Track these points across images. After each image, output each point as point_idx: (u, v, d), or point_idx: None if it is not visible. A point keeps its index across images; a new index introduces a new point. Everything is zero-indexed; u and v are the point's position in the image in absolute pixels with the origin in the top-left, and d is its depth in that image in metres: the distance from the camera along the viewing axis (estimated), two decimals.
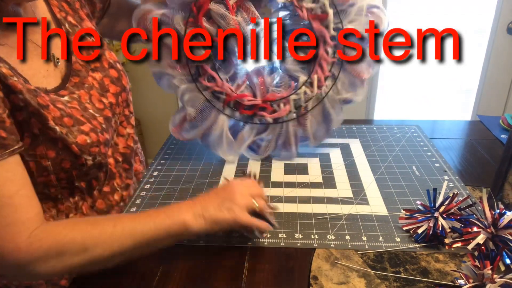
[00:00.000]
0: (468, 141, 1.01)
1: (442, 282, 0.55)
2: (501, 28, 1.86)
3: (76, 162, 0.60)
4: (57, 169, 0.60)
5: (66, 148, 0.58)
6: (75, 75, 0.66)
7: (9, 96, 0.53)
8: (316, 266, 0.59)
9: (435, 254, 0.61)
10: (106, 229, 0.53)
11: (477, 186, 0.79)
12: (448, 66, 2.03)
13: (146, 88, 2.32)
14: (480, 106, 2.03)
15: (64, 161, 0.59)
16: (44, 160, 0.58)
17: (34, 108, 0.54)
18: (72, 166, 0.61)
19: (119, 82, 0.73)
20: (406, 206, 0.71)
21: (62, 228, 0.53)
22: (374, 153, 0.93)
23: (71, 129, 0.59)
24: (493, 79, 1.96)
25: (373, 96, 2.10)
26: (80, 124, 0.61)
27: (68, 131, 0.58)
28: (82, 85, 0.66)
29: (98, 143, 0.62)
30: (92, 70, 0.69)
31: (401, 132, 1.05)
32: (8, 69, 0.53)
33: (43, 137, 0.57)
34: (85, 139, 0.60)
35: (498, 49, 1.89)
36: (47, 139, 0.57)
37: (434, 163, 0.88)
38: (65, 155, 0.59)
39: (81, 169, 0.62)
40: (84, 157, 0.60)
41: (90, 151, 0.61)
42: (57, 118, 0.57)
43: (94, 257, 0.52)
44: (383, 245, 0.63)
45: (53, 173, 0.60)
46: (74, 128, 0.59)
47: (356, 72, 0.80)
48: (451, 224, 0.62)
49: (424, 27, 0.71)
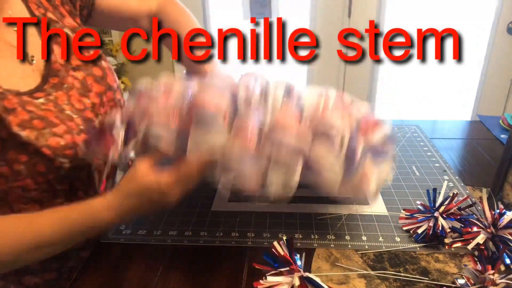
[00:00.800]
0: (468, 141, 1.01)
1: (442, 282, 0.55)
2: (501, 28, 1.86)
3: (51, 165, 0.58)
4: (32, 173, 0.58)
5: (37, 152, 0.56)
6: (54, 76, 0.63)
7: None
8: (316, 266, 0.59)
9: (435, 254, 0.61)
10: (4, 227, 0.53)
11: (477, 186, 0.79)
12: (448, 66, 2.03)
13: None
14: (480, 106, 2.03)
15: (38, 165, 0.58)
16: (17, 165, 0.56)
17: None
18: (47, 169, 0.59)
19: (103, 80, 0.69)
20: (406, 206, 0.71)
21: None
22: None
23: (41, 132, 0.57)
24: (493, 79, 1.96)
25: (373, 96, 2.10)
26: (53, 126, 0.58)
27: (38, 134, 0.56)
28: (61, 85, 0.64)
29: (74, 145, 0.60)
30: (74, 69, 0.66)
31: (401, 132, 1.05)
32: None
33: (11, 142, 0.55)
34: (58, 141, 0.58)
35: (498, 49, 1.89)
36: (16, 143, 0.55)
37: (434, 163, 0.88)
38: (37, 158, 0.57)
39: (58, 172, 0.60)
40: (59, 160, 0.58)
41: (65, 154, 0.59)
42: (26, 121, 0.55)
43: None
44: (383, 245, 0.63)
45: (28, 177, 0.58)
46: (46, 130, 0.57)
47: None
48: (451, 224, 0.62)
49: (424, 27, 0.71)
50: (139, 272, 0.60)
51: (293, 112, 0.54)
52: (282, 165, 0.53)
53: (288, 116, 0.53)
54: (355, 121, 0.58)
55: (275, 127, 0.53)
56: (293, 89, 0.57)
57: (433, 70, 2.04)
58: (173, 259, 0.62)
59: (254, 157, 0.52)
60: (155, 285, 0.57)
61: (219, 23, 2.15)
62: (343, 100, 0.63)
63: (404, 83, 2.13)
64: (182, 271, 0.59)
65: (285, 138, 0.51)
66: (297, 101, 0.55)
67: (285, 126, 0.52)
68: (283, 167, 0.53)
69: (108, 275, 0.60)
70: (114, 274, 0.60)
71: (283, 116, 0.53)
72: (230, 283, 0.57)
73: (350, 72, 2.07)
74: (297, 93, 0.58)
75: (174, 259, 0.62)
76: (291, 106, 0.54)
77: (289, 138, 0.52)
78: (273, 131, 0.53)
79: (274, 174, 0.53)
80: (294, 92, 0.57)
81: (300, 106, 0.54)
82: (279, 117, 0.53)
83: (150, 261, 0.62)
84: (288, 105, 0.55)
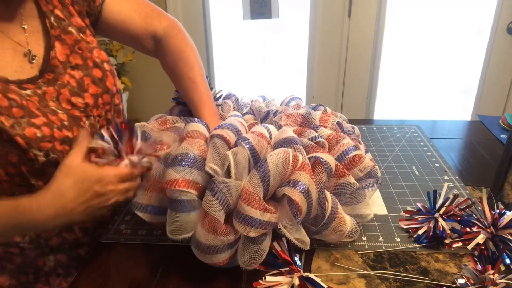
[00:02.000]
0: (468, 141, 1.01)
1: (442, 282, 0.55)
2: (501, 28, 1.86)
3: (24, 156, 0.58)
4: (3, 162, 0.57)
5: (10, 140, 0.56)
6: (50, 71, 0.64)
7: None
8: (316, 266, 0.59)
9: (435, 254, 0.61)
10: None
11: (477, 186, 0.79)
12: (448, 66, 2.03)
13: (146, 88, 2.32)
14: (480, 106, 2.03)
15: (10, 154, 0.57)
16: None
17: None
18: (19, 160, 0.58)
19: (101, 83, 0.69)
20: (406, 206, 0.71)
21: None
22: (374, 153, 0.93)
23: (19, 121, 0.56)
24: (493, 79, 1.96)
25: (373, 96, 2.10)
26: (32, 116, 0.58)
27: (15, 122, 0.56)
28: (55, 81, 0.64)
29: (52, 139, 0.59)
30: (72, 68, 0.66)
31: (401, 132, 1.05)
32: None
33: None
34: (35, 132, 0.57)
35: (498, 49, 1.89)
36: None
37: (434, 163, 0.88)
38: (10, 147, 0.56)
39: (31, 165, 0.58)
40: (33, 152, 0.57)
41: (40, 146, 0.58)
42: (3, 108, 0.55)
43: None
44: (383, 245, 0.63)
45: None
46: (23, 120, 0.57)
47: None
48: (451, 225, 0.62)
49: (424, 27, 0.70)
50: (139, 272, 0.60)
51: (256, 189, 0.53)
52: (251, 240, 0.54)
53: (251, 196, 0.52)
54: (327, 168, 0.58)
55: (241, 206, 0.53)
56: (256, 153, 0.56)
57: (433, 70, 2.04)
58: (173, 259, 0.62)
59: (221, 240, 0.53)
60: (155, 285, 0.57)
61: (219, 23, 2.15)
62: (319, 145, 0.63)
63: (404, 83, 2.13)
64: (182, 271, 0.59)
65: (251, 215, 0.52)
66: (262, 170, 0.54)
67: (249, 204, 0.52)
68: (252, 241, 0.54)
69: (107, 275, 0.60)
70: (114, 274, 0.60)
71: (247, 195, 0.53)
72: (230, 283, 0.57)
73: (350, 72, 2.07)
74: (262, 155, 0.57)
75: (174, 259, 0.62)
76: (255, 179, 0.54)
77: (254, 215, 0.52)
78: (239, 210, 0.53)
79: (244, 248, 0.54)
80: (258, 155, 0.57)
81: (265, 172, 0.54)
82: (244, 196, 0.53)
83: (150, 261, 0.62)
84: (251, 181, 0.54)
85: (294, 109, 0.77)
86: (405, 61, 2.05)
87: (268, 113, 0.77)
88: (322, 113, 0.73)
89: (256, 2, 1.99)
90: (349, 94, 2.13)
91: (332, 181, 0.62)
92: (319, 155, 0.59)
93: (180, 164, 0.54)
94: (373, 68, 2.03)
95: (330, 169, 0.58)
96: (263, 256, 0.55)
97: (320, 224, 0.58)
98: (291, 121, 0.71)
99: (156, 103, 2.32)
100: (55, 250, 0.69)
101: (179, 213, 0.53)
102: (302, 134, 0.66)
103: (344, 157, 0.63)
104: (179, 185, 0.53)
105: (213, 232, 0.52)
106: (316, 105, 0.79)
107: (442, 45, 1.98)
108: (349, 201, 0.62)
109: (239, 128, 0.60)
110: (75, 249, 0.71)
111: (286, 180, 0.56)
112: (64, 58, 0.65)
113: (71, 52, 0.66)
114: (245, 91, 0.92)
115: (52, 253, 0.69)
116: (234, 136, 0.58)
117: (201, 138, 0.59)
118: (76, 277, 0.60)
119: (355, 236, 0.61)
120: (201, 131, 0.61)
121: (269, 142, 0.60)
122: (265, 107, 0.80)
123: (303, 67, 2.15)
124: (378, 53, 1.99)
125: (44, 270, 0.70)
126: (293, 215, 0.54)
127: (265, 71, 2.32)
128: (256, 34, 2.21)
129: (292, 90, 2.28)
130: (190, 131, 0.60)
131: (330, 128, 0.72)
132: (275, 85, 2.31)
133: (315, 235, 0.61)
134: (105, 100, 0.69)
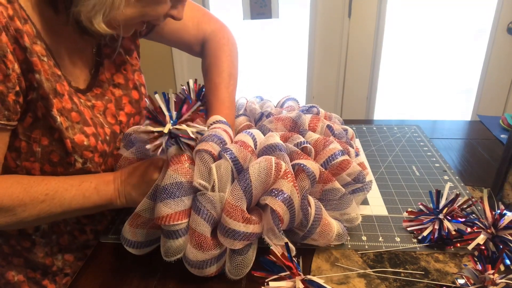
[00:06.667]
0: (468, 141, 1.01)
1: (442, 282, 0.55)
2: (501, 28, 1.86)
3: (65, 159, 0.60)
4: (44, 159, 0.59)
5: (60, 141, 0.58)
6: (98, 86, 0.67)
7: (27, 74, 0.53)
8: (316, 266, 0.59)
9: (435, 254, 0.61)
10: (37, 197, 0.56)
11: (477, 186, 0.79)
12: (448, 66, 2.03)
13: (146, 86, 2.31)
14: (480, 106, 2.03)
15: (54, 153, 0.59)
16: (35, 145, 0.58)
17: (44, 91, 0.55)
18: (59, 161, 0.60)
19: (137, 104, 0.73)
20: (406, 206, 0.71)
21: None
22: (374, 153, 0.93)
23: (74, 125, 0.59)
24: (493, 79, 1.96)
25: (373, 96, 2.10)
26: (86, 125, 0.61)
27: (70, 126, 0.58)
28: (102, 96, 0.67)
29: (95, 150, 0.62)
30: (114, 86, 0.69)
31: (401, 132, 1.05)
32: (44, 49, 0.55)
33: (43, 122, 0.57)
34: (83, 140, 0.60)
35: (498, 49, 1.89)
36: (46, 125, 0.57)
37: (434, 163, 0.88)
38: (56, 147, 0.59)
39: (67, 168, 0.61)
40: (75, 157, 0.60)
41: (83, 154, 0.60)
42: (65, 110, 0.58)
43: (19, 220, 0.56)
44: (383, 245, 0.63)
45: (39, 161, 0.59)
46: (78, 125, 0.59)
47: None
48: (456, 226, 0.62)
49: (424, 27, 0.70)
50: (138, 272, 0.60)
51: (238, 201, 0.54)
52: (236, 251, 0.56)
53: (233, 209, 0.53)
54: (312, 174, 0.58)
55: (224, 219, 0.53)
56: (239, 163, 0.57)
57: (434, 70, 2.04)
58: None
59: (209, 254, 0.54)
60: (155, 286, 0.57)
61: None
62: (305, 151, 0.63)
63: (404, 83, 2.12)
64: (182, 273, 0.59)
65: (234, 228, 0.53)
66: (244, 180, 0.54)
67: (231, 217, 0.53)
68: (237, 253, 0.56)
69: (107, 276, 0.60)
70: (114, 274, 0.60)
71: (229, 208, 0.53)
72: (231, 285, 0.57)
73: (350, 72, 2.07)
74: (246, 165, 0.57)
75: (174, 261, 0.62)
76: (237, 191, 0.54)
77: (237, 228, 0.53)
78: (222, 224, 0.54)
79: (230, 260, 0.57)
80: (241, 165, 0.57)
81: (247, 182, 0.54)
82: (226, 209, 0.54)
83: (150, 262, 0.62)
84: (233, 193, 0.54)
85: (288, 111, 0.77)
86: (405, 61, 2.05)
87: (262, 115, 0.77)
88: (313, 116, 0.73)
89: (256, 2, 1.99)
90: (349, 94, 2.12)
91: (318, 187, 0.62)
92: (302, 162, 0.59)
93: (170, 197, 0.53)
94: (373, 68, 2.03)
95: (313, 177, 0.58)
96: (249, 266, 0.56)
97: (305, 230, 0.58)
98: (281, 125, 0.71)
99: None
100: (63, 250, 0.71)
101: (173, 239, 0.55)
102: (289, 139, 0.66)
103: (330, 162, 0.63)
104: (172, 220, 0.53)
105: (199, 248, 0.54)
106: (309, 107, 0.79)
107: (442, 45, 1.98)
108: (335, 207, 0.62)
109: (223, 137, 0.60)
110: (82, 250, 0.72)
111: (269, 189, 0.56)
112: (109, 76, 0.69)
113: (116, 72, 0.70)
114: (245, 91, 0.92)
115: (61, 252, 0.71)
116: (218, 147, 0.58)
117: (186, 161, 0.57)
118: (76, 277, 0.60)
119: (343, 239, 0.62)
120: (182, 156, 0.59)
121: (253, 151, 0.60)
122: (259, 109, 0.80)
123: (303, 67, 2.15)
124: (378, 53, 1.99)
125: (53, 269, 0.71)
126: (274, 224, 0.54)
127: (265, 71, 2.32)
128: (256, 34, 2.21)
129: (292, 90, 2.28)
130: (173, 156, 0.57)
131: (319, 132, 0.71)
132: (275, 85, 2.31)
133: (303, 241, 0.61)
134: (136, 120, 0.73)
